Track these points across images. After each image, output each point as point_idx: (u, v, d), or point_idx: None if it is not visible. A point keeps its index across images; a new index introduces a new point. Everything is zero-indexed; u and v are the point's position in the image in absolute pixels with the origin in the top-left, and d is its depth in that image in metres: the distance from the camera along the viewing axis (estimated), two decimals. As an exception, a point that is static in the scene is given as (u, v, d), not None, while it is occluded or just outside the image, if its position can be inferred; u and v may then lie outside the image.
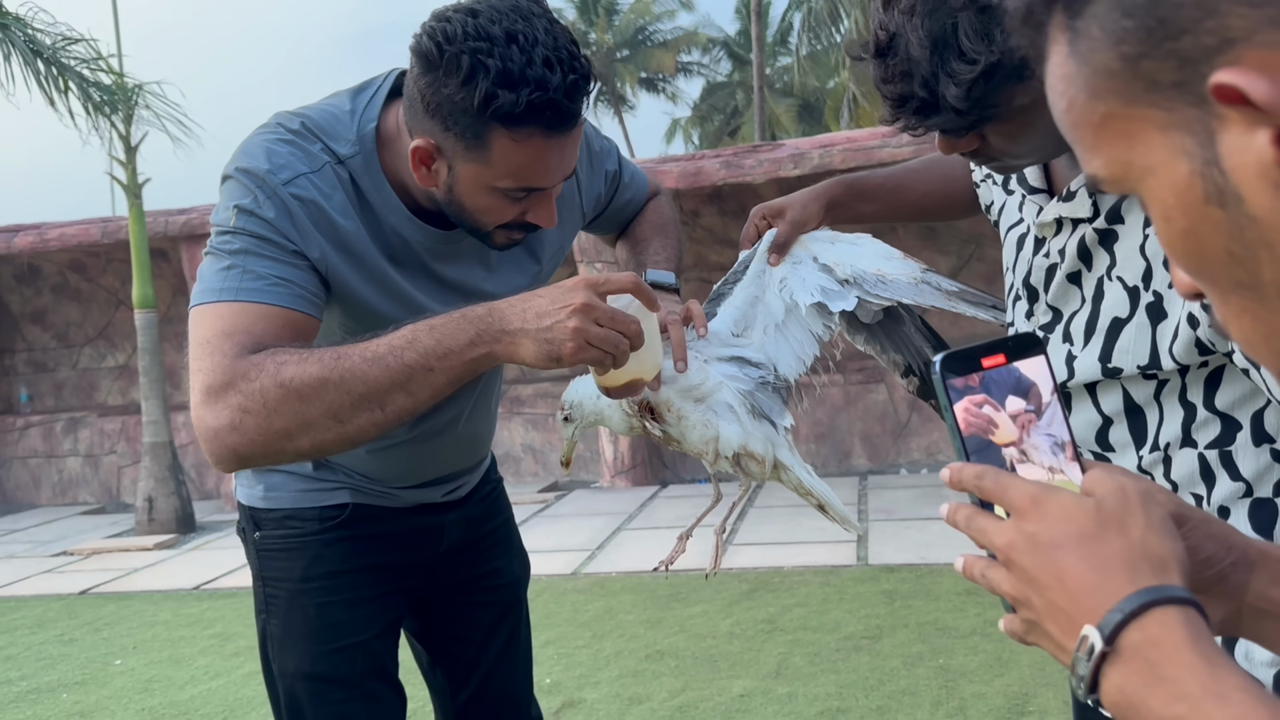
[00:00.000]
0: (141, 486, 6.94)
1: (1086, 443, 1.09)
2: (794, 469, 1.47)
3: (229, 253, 1.23)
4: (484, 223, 1.30)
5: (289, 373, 1.13)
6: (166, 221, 7.52)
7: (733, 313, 1.47)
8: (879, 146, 6.67)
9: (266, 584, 1.59)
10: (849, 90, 16.45)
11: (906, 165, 1.51)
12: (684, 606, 4.42)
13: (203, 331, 1.19)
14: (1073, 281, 1.08)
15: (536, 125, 1.18)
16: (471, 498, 1.71)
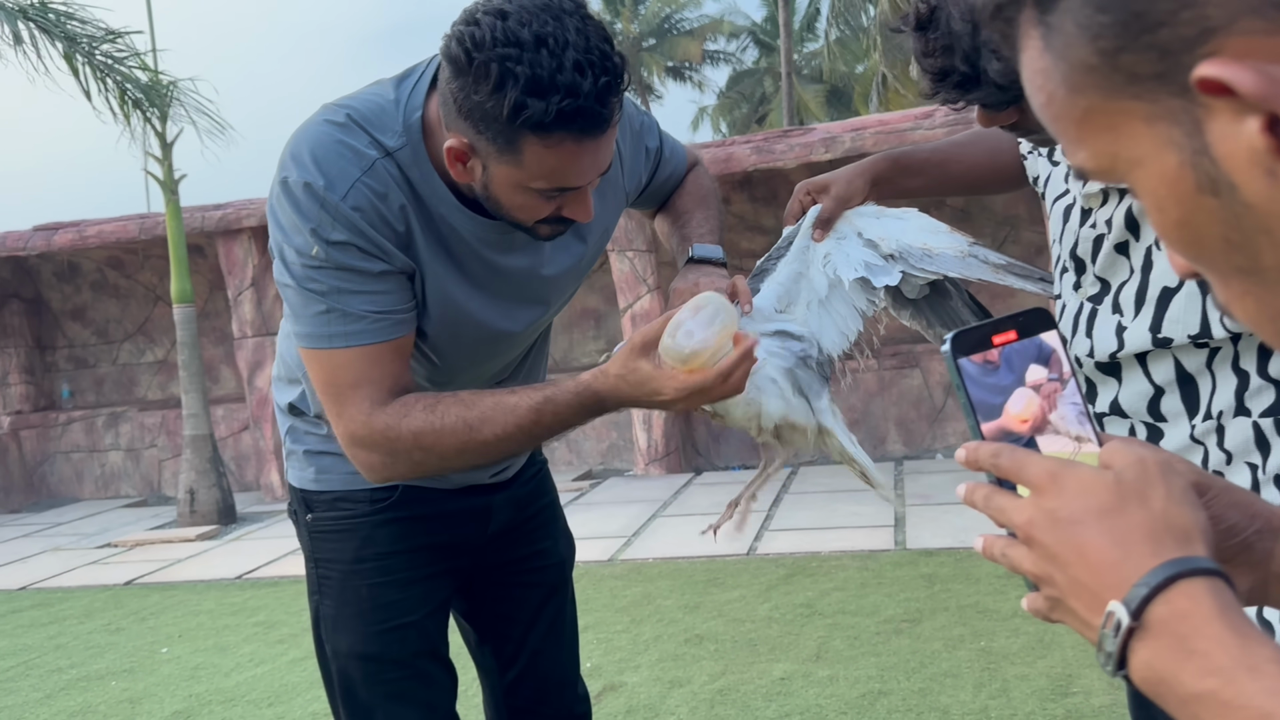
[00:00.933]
0: (183, 479, 7.04)
1: (1138, 414, 1.09)
2: (837, 434, 1.47)
3: (320, 293, 1.29)
4: (521, 219, 1.31)
5: (428, 442, 1.29)
6: (203, 217, 7.60)
7: (776, 289, 1.47)
8: (911, 128, 6.62)
9: (319, 565, 1.62)
10: (879, 73, 16.33)
11: (952, 139, 1.50)
12: (721, 591, 4.43)
13: (323, 378, 1.33)
14: (1121, 252, 1.07)
15: (567, 131, 1.18)
16: (518, 479, 1.72)
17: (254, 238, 7.73)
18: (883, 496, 1.51)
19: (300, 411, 1.63)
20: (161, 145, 6.99)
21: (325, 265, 1.27)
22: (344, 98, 1.38)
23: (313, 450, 1.62)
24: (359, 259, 1.28)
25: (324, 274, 1.28)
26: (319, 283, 1.28)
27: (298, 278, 1.29)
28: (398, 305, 1.32)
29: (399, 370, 1.32)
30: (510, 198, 1.27)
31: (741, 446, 7.67)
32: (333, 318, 1.28)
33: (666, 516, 5.98)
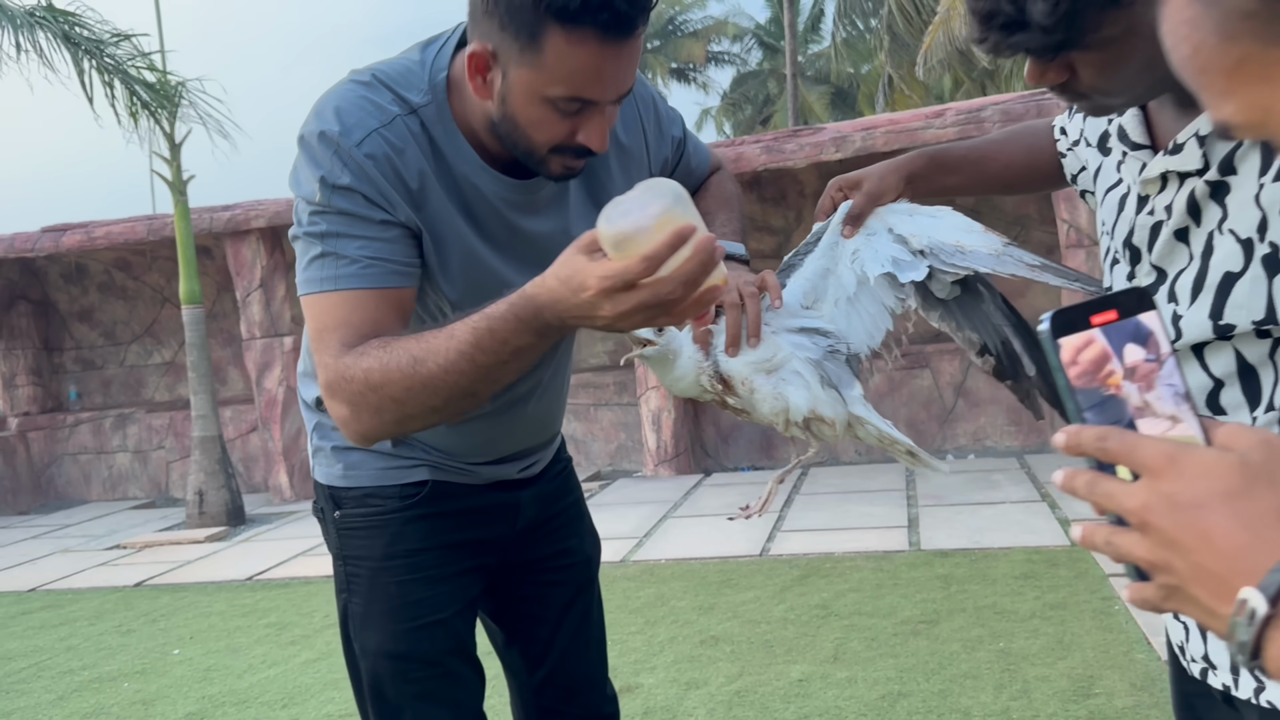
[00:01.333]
0: (192, 480, 7.02)
1: (1198, 408, 1.06)
2: (871, 420, 1.44)
3: (319, 235, 1.26)
4: (536, 141, 1.26)
5: (376, 379, 1.20)
6: (211, 218, 7.59)
7: (803, 284, 1.45)
8: (923, 128, 6.59)
9: (347, 563, 1.60)
10: (885, 73, 16.29)
11: (988, 136, 1.48)
12: (735, 593, 4.40)
13: (312, 325, 1.28)
14: (1180, 239, 1.05)
15: (593, 25, 1.15)
16: (544, 475, 1.70)
17: (262, 239, 7.72)
18: (935, 469, 1.47)
19: None
20: (170, 146, 6.98)
21: (328, 210, 1.26)
22: (375, 63, 1.38)
23: (340, 446, 1.60)
24: (362, 205, 1.26)
25: (325, 219, 1.26)
26: (318, 226, 1.26)
27: (303, 224, 1.28)
28: (395, 255, 1.28)
29: (385, 320, 1.26)
30: (527, 110, 1.24)
31: (750, 447, 7.65)
32: (326, 262, 1.26)
33: (677, 518, 5.95)
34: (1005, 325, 1.47)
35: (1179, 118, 1.05)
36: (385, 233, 1.27)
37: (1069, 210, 6.49)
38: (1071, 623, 3.66)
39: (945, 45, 13.34)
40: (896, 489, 6.08)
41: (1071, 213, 6.53)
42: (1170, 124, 1.07)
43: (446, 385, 1.18)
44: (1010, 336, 1.46)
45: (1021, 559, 4.45)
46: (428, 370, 1.18)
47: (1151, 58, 0.97)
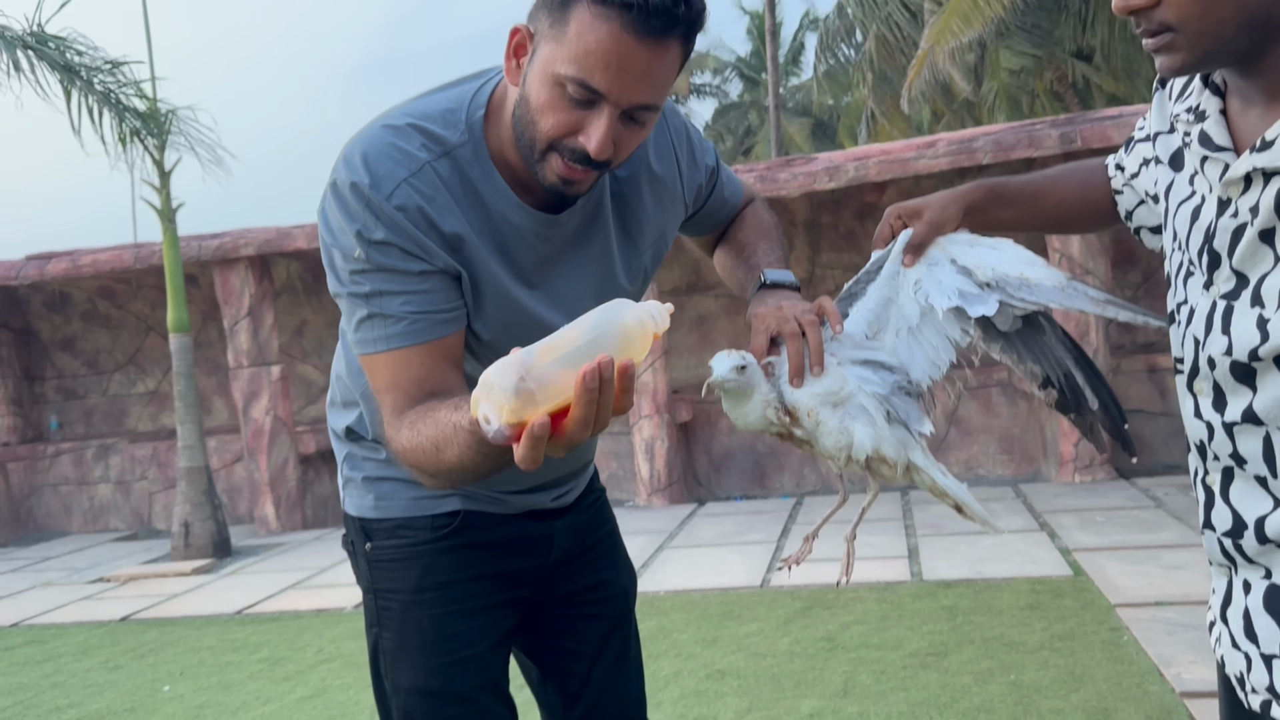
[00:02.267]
0: (177, 511, 6.90)
1: (1276, 420, 1.03)
2: (928, 470, 1.42)
3: (364, 296, 1.28)
4: (541, 129, 1.24)
5: (413, 459, 1.25)
6: (200, 246, 7.52)
7: (866, 314, 1.42)
8: (915, 158, 6.62)
9: (379, 596, 1.55)
10: (868, 107, 16.41)
11: (1044, 172, 1.47)
12: (739, 625, 4.34)
13: (372, 384, 1.33)
14: (1266, 240, 1.02)
15: (620, 8, 1.15)
16: (578, 505, 1.67)
17: (251, 267, 7.65)
18: (986, 528, 1.45)
19: (359, 436, 1.57)
20: (160, 174, 6.92)
21: (368, 268, 1.27)
22: (412, 100, 1.37)
23: (372, 476, 1.56)
24: (400, 259, 1.26)
25: (367, 277, 1.27)
26: (361, 286, 1.28)
27: (344, 283, 1.29)
28: (438, 305, 1.29)
29: (434, 372, 1.28)
30: (539, 91, 1.23)
31: (743, 477, 7.60)
32: (374, 322, 1.28)
33: (674, 548, 5.89)
34: (1067, 358, 1.44)
35: (1265, 117, 1.03)
36: (425, 283, 1.28)
37: (1061, 240, 6.52)
38: (1081, 654, 3.62)
39: (928, 78, 13.49)
40: (894, 518, 6.05)
41: (1064, 242, 6.56)
42: (1255, 125, 1.05)
43: (469, 468, 1.20)
44: (1072, 369, 1.44)
45: (1025, 589, 4.42)
46: (448, 459, 1.20)
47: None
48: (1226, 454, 1.09)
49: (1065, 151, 6.35)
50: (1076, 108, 14.34)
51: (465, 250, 1.31)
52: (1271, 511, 1.06)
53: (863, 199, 7.72)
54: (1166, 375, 6.97)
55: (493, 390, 1.01)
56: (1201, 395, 1.11)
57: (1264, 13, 0.96)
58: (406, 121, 1.31)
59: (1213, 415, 1.09)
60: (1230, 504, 1.10)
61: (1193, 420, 1.13)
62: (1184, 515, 5.48)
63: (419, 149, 1.29)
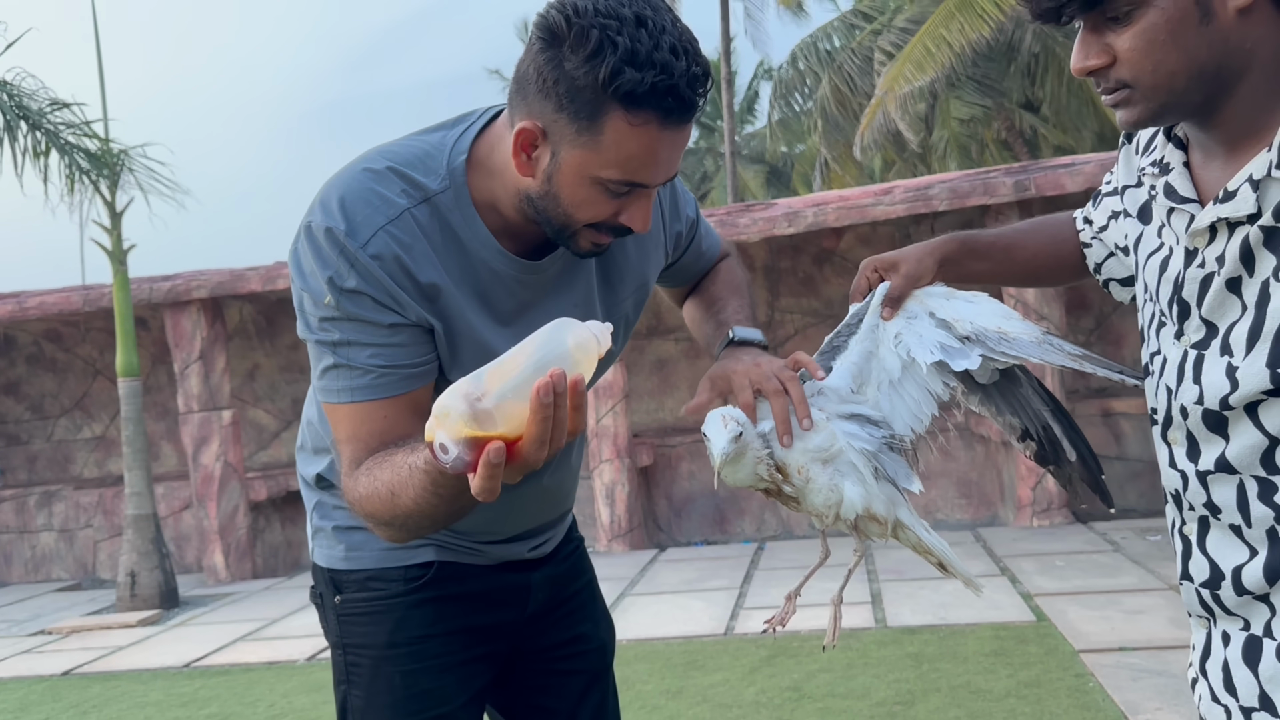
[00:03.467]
0: (124, 561, 6.70)
1: (1248, 468, 1.03)
2: (914, 528, 1.39)
3: (331, 345, 1.25)
4: (576, 219, 1.24)
5: (369, 508, 1.22)
6: (151, 288, 7.38)
7: (849, 367, 1.40)
8: (872, 204, 6.70)
9: (348, 652, 1.50)
10: (821, 154, 16.65)
11: (1015, 226, 1.49)
12: (703, 675, 4.28)
13: (334, 433, 1.30)
14: (1232, 290, 1.03)
15: (656, 110, 1.15)
16: (556, 555, 1.63)
17: (203, 309, 7.52)
18: (970, 587, 1.43)
19: (329, 484, 1.52)
20: (111, 214, 6.79)
21: (338, 316, 1.24)
22: (391, 143, 1.34)
23: (342, 526, 1.51)
24: (371, 310, 1.23)
25: (336, 325, 1.24)
26: (330, 334, 1.25)
27: (313, 329, 1.26)
28: (408, 359, 1.26)
29: (396, 426, 1.25)
30: (574, 191, 1.21)
31: (704, 522, 7.56)
32: (340, 372, 1.26)
33: (636, 595, 5.82)
34: (1045, 410, 1.44)
35: (1227, 167, 1.05)
36: (395, 336, 1.25)
37: (1016, 287, 6.61)
38: (1049, 701, 3.61)
39: (881, 125, 13.74)
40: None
41: (1018, 289, 6.66)
42: (1217, 176, 1.07)
43: (425, 514, 1.18)
44: (1050, 421, 1.43)
45: (990, 635, 4.41)
46: (404, 504, 1.18)
47: (1185, 40, 0.98)
48: (1201, 503, 1.09)
49: (1020, 199, 6.46)
50: (1025, 157, 14.68)
51: (442, 300, 1.28)
52: (1248, 561, 1.05)
53: (820, 244, 7.79)
54: (1121, 420, 7.07)
55: (449, 415, 1.00)
56: (1176, 445, 1.11)
57: (1214, 66, 1.00)
58: (386, 165, 1.28)
59: (1187, 465, 1.10)
60: (1207, 554, 1.10)
61: (1168, 470, 1.13)
62: (1142, 560, 5.53)
63: (398, 195, 1.26)
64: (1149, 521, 6.52)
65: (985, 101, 14.52)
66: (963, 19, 12.39)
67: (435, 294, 1.27)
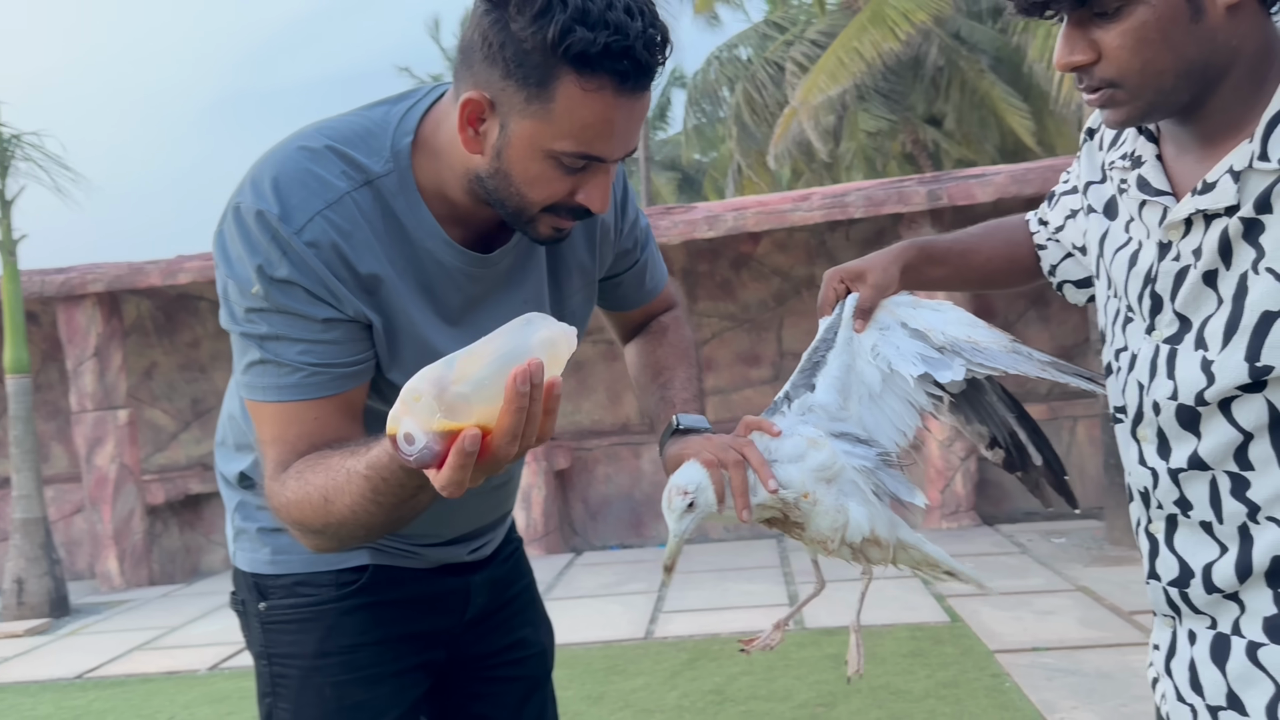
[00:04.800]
0: (10, 567, 6.35)
1: (1221, 464, 1.03)
2: (918, 545, 1.34)
3: (258, 339, 1.15)
4: (530, 199, 1.16)
5: (297, 514, 1.14)
6: (43, 281, 7.03)
7: (834, 382, 1.35)
8: (791, 210, 6.75)
9: (274, 662, 1.41)
10: (735, 161, 16.79)
11: (969, 231, 1.48)
12: (624, 679, 4.23)
13: (256, 431, 1.21)
14: (1208, 283, 1.02)
15: (610, 74, 1.07)
16: (496, 557, 1.56)
17: (99, 304, 7.20)
18: (983, 589, 1.40)
19: (253, 482, 1.42)
20: (1, 203, 6.45)
21: (266, 308, 1.14)
22: (329, 119, 1.24)
23: (268, 528, 1.42)
24: (304, 302, 1.14)
25: (263, 317, 1.14)
26: (257, 326, 1.15)
27: (238, 320, 1.16)
28: (341, 358, 1.17)
29: (326, 428, 1.17)
30: (526, 166, 1.13)
31: (620, 525, 7.51)
32: (266, 369, 1.16)
33: (553, 600, 5.73)
34: (1010, 416, 1.43)
35: (1202, 160, 1.04)
36: (329, 332, 1.15)
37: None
38: (967, 701, 3.65)
39: (793, 137, 13.91)
40: (772, 565, 6.05)
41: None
42: (1191, 169, 1.06)
43: (360, 522, 1.11)
44: (1015, 427, 1.42)
45: (906, 636, 4.45)
46: (339, 510, 1.10)
47: (1175, 38, 0.96)
48: (1171, 501, 1.08)
49: (932, 208, 6.57)
50: (929, 169, 15.01)
51: (382, 292, 1.19)
52: (1219, 558, 1.05)
53: (738, 249, 7.82)
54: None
55: (418, 401, 0.92)
56: (1145, 442, 1.10)
57: (1201, 64, 0.99)
58: (324, 143, 1.18)
59: (1157, 462, 1.09)
60: (1175, 552, 1.09)
61: (1137, 468, 1.12)
62: (1049, 561, 5.66)
63: (338, 176, 1.16)
64: (1052, 524, 6.69)
65: (892, 115, 14.80)
66: (875, 32, 12.62)
67: (375, 286, 1.18)
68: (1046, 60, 11.85)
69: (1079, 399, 7.27)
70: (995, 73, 13.66)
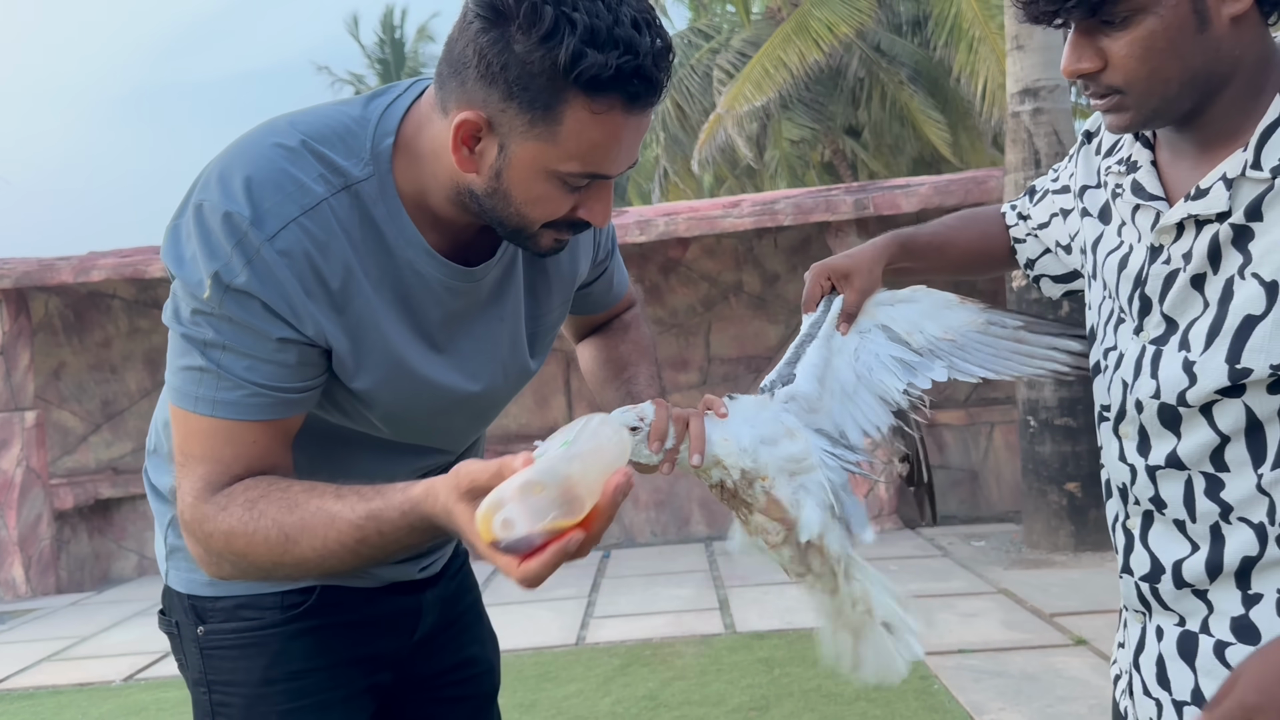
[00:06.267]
0: (-94, 576, 6.07)
1: (1198, 464, 1.06)
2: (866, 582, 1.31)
3: (201, 344, 1.08)
4: (531, 218, 1.12)
5: (240, 546, 1.08)
6: (-56, 276, 6.73)
7: (813, 370, 1.34)
8: (721, 216, 6.80)
9: (214, 690, 1.34)
10: (660, 165, 16.86)
11: (943, 223, 1.49)
12: (555, 687, 4.20)
13: (179, 440, 1.14)
14: (1196, 286, 1.06)
15: (620, 94, 1.03)
16: (445, 573, 1.52)
17: (6, 301, 6.92)
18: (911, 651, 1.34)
19: None
20: (-101, 194, 6.16)
21: (215, 314, 1.07)
22: (303, 113, 1.18)
23: None
24: (259, 316, 1.07)
25: (210, 322, 1.08)
26: (202, 331, 1.08)
27: (181, 320, 1.10)
28: (289, 381, 1.11)
29: (263, 453, 1.12)
30: (528, 187, 1.09)
31: (546, 531, 7.46)
32: (205, 378, 1.09)
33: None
34: (917, 434, 1.43)
35: (1197, 167, 1.07)
36: (281, 353, 1.09)
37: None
38: (897, 704, 3.71)
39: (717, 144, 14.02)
40: (701, 569, 6.08)
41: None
42: (1186, 176, 1.08)
43: (320, 567, 1.08)
44: (919, 445, 1.43)
45: (835, 640, 4.50)
46: (300, 552, 1.06)
47: (1182, 47, 0.99)
48: (1147, 497, 1.11)
49: (859, 217, 6.68)
50: (849, 179, 15.25)
51: (353, 308, 1.13)
52: (1189, 555, 1.08)
53: (667, 254, 7.85)
54: (944, 430, 7.40)
55: (539, 494, 0.89)
56: (1126, 439, 1.13)
57: (1205, 73, 1.01)
58: (300, 140, 1.11)
59: (1136, 459, 1.12)
60: (1149, 548, 1.12)
61: (1116, 464, 1.15)
62: (970, 564, 5.78)
63: (315, 180, 1.10)
64: (970, 527, 6.85)
65: (815, 124, 15.02)
66: (799, 42, 12.79)
67: (346, 301, 1.12)
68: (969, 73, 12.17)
69: (997, 405, 7.46)
70: (914, 84, 13.95)
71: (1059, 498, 5.71)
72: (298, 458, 1.16)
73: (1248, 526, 1.04)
